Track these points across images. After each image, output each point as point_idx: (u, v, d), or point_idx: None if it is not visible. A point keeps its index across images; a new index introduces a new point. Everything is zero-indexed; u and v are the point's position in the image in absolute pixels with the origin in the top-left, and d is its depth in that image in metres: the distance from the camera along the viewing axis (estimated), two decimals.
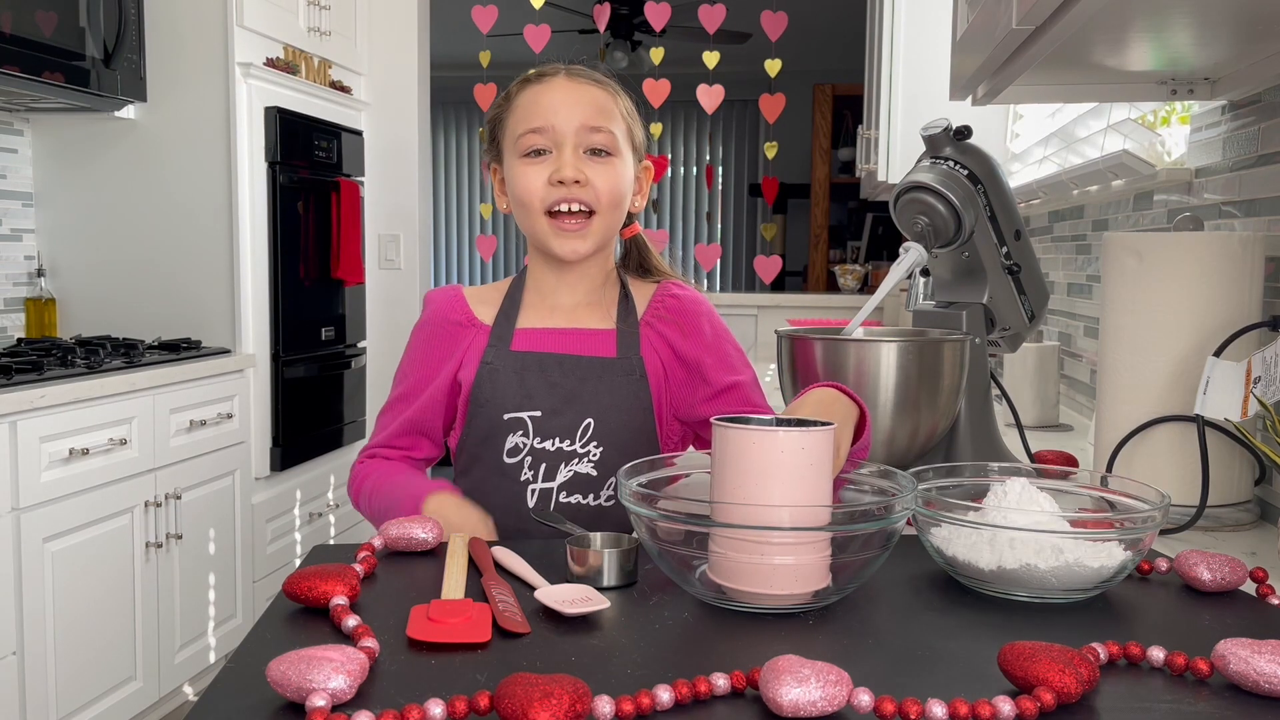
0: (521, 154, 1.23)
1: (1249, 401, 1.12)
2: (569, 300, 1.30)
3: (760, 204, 7.31)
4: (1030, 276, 1.39)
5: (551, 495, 1.23)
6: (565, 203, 1.22)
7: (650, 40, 5.91)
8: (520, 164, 1.24)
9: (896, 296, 3.69)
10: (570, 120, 1.22)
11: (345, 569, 0.86)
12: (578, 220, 1.23)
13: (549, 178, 1.22)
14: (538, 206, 1.23)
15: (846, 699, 0.65)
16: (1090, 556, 0.87)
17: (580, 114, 1.22)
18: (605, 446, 1.23)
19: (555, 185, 1.21)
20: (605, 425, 1.23)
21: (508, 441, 1.23)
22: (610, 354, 1.26)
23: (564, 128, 1.22)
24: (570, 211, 1.23)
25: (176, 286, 3.05)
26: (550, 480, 1.22)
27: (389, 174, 3.79)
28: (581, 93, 1.24)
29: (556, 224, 1.23)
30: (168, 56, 2.98)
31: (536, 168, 1.23)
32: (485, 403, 1.24)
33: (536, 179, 1.22)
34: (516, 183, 1.24)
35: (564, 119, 1.22)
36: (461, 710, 0.64)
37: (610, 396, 1.24)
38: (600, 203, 1.23)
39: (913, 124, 3.17)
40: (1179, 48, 1.25)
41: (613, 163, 1.24)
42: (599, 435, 1.23)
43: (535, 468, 1.23)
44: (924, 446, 1.28)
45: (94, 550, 2.36)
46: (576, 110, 1.22)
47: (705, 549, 0.87)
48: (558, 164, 1.22)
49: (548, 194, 1.22)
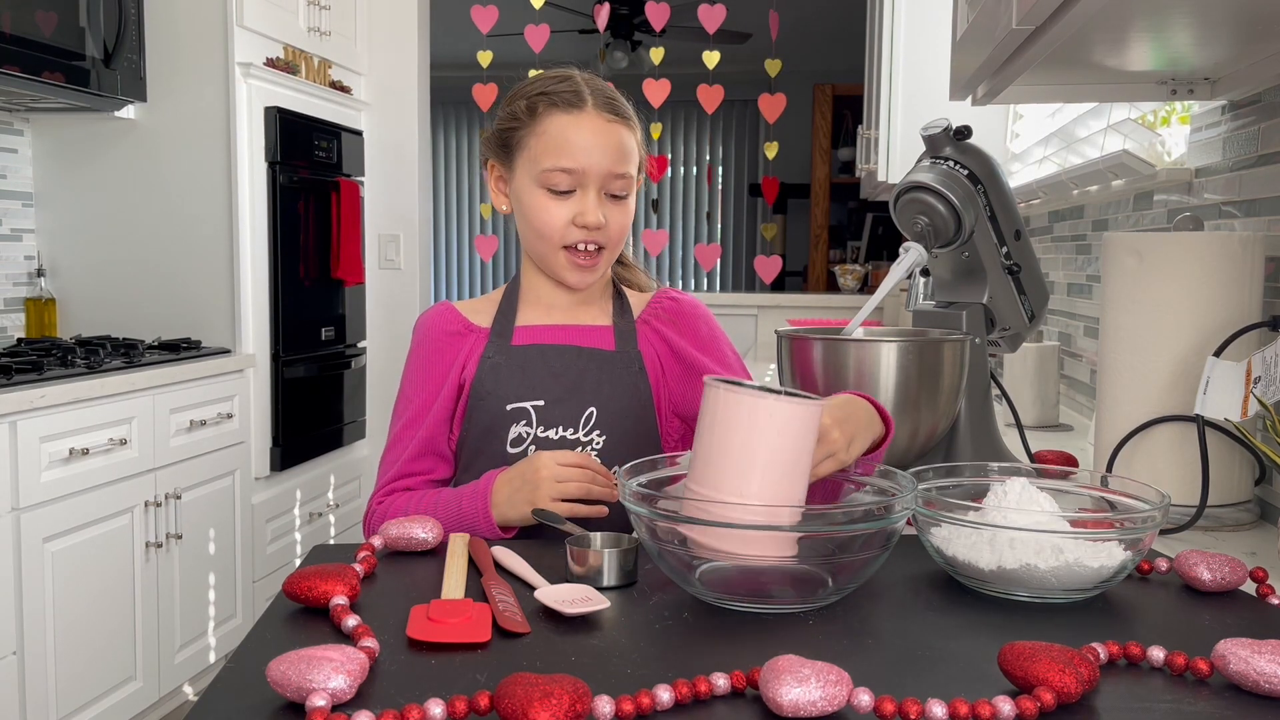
0: (545, 186, 1.25)
1: (1249, 401, 1.12)
2: (566, 300, 1.33)
3: (760, 204, 7.31)
4: (1030, 276, 1.39)
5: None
6: (584, 243, 1.25)
7: (650, 40, 5.90)
8: (542, 196, 1.25)
9: (896, 296, 3.69)
10: (600, 166, 1.24)
11: (345, 569, 0.86)
12: (591, 256, 1.27)
13: (573, 219, 1.24)
14: (557, 242, 1.26)
15: (846, 699, 0.65)
16: (1090, 556, 0.87)
17: (609, 160, 1.24)
18: (608, 435, 1.24)
19: (578, 228, 1.24)
20: (607, 415, 1.25)
21: (511, 432, 1.24)
22: (609, 348, 1.29)
23: (594, 171, 1.24)
24: (586, 249, 1.26)
25: (176, 286, 3.05)
26: None
27: (389, 174, 3.79)
28: (611, 135, 1.25)
29: (572, 258, 1.26)
30: (168, 56, 2.98)
31: (560, 205, 1.24)
32: (487, 395, 1.26)
33: (559, 217, 1.24)
34: (536, 214, 1.26)
35: (596, 163, 1.23)
36: (461, 710, 0.64)
37: (611, 387, 1.26)
38: (611, 240, 1.27)
39: (913, 124, 3.17)
40: (1179, 48, 1.25)
41: (626, 204, 1.28)
42: (602, 424, 1.24)
43: None
44: (924, 446, 1.28)
45: (94, 550, 2.36)
46: (607, 155, 1.24)
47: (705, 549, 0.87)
48: (581, 207, 1.24)
49: (568, 233, 1.25)
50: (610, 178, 1.24)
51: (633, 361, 1.28)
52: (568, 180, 1.23)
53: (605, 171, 1.24)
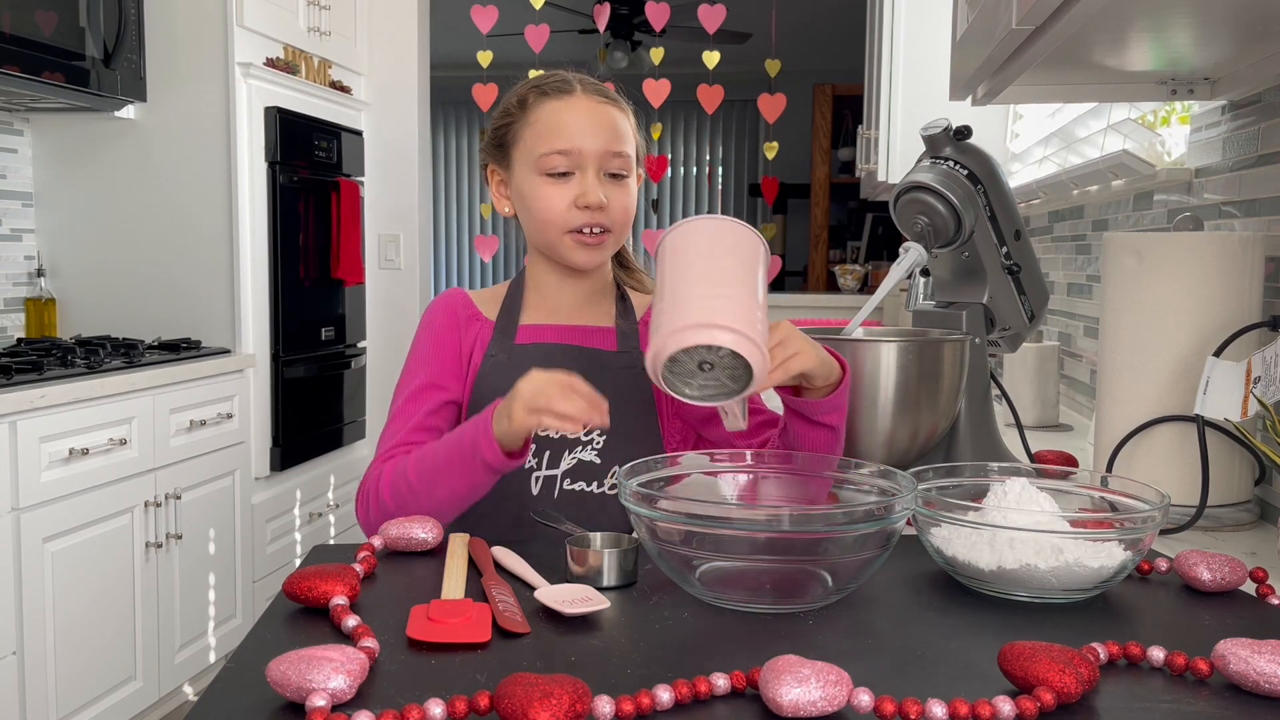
0: (543, 173, 1.25)
1: (1249, 401, 1.12)
2: (569, 301, 1.32)
3: (760, 204, 7.31)
4: (1030, 276, 1.39)
5: (556, 482, 1.23)
6: (588, 226, 1.25)
7: (650, 40, 5.90)
8: (542, 183, 1.25)
9: (896, 296, 3.69)
10: (595, 144, 1.24)
11: (345, 569, 0.86)
12: (597, 238, 1.26)
13: (574, 201, 1.24)
14: (560, 225, 1.25)
15: (846, 699, 0.65)
16: (1090, 556, 0.87)
17: (604, 138, 1.24)
18: (609, 435, 1.24)
19: (580, 209, 1.24)
20: (609, 414, 1.23)
21: None
22: (611, 349, 1.29)
23: (590, 151, 1.24)
24: (592, 232, 1.25)
25: (176, 286, 3.05)
26: (555, 467, 1.23)
27: (389, 174, 3.79)
28: (603, 115, 1.25)
29: (578, 239, 1.26)
30: (167, 56, 2.98)
31: (560, 189, 1.24)
32: (491, 393, 1.25)
33: (560, 200, 1.24)
34: (536, 201, 1.26)
35: (591, 142, 1.23)
36: (461, 710, 0.64)
37: (613, 388, 1.24)
38: (616, 222, 1.27)
39: (913, 124, 3.17)
40: (1179, 48, 1.25)
41: (627, 184, 1.28)
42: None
43: (540, 455, 1.24)
44: (924, 446, 1.28)
45: (94, 550, 2.36)
46: (600, 134, 1.24)
47: (705, 549, 0.86)
48: (582, 188, 1.24)
49: (571, 216, 1.24)
50: (608, 156, 1.24)
51: (634, 363, 1.27)
52: (565, 162, 1.24)
53: (601, 150, 1.24)
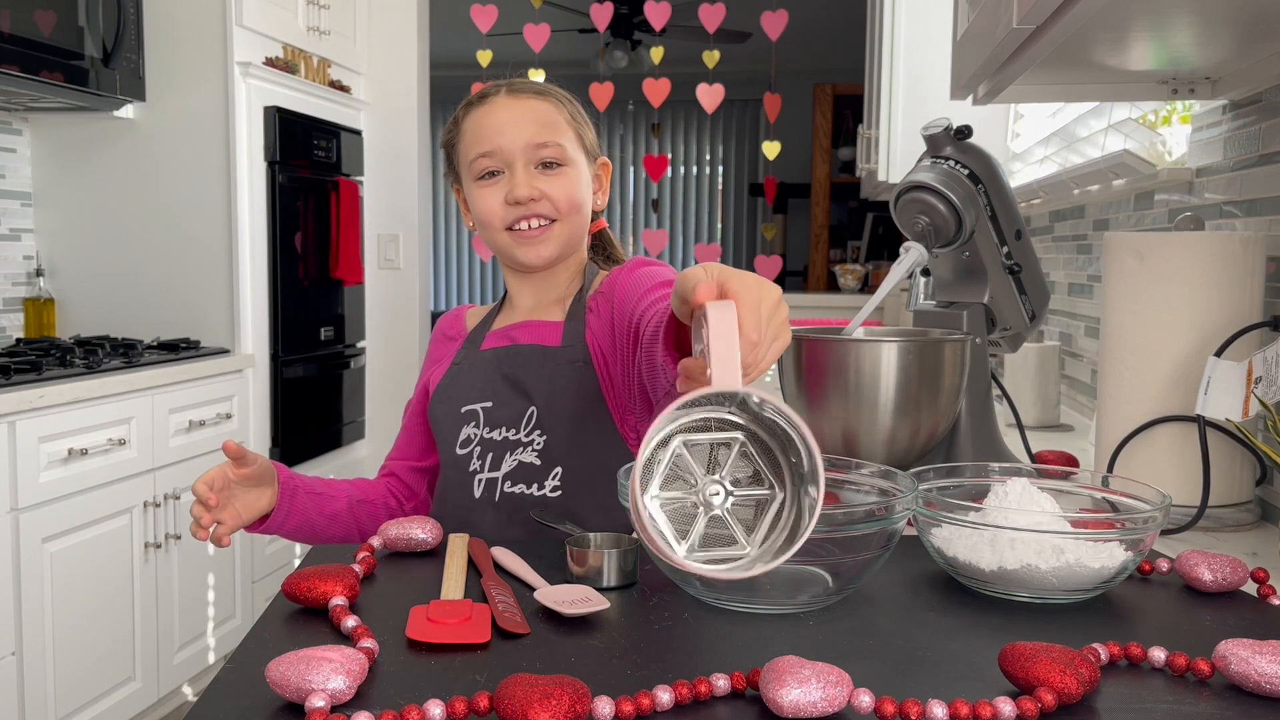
0: (476, 177, 1.27)
1: (1250, 401, 1.12)
2: (531, 301, 1.33)
3: (760, 204, 7.31)
4: (1031, 276, 1.39)
5: (497, 485, 1.23)
6: (524, 220, 1.25)
7: (650, 40, 5.91)
8: (476, 187, 1.27)
9: (897, 296, 3.69)
10: (516, 139, 1.25)
11: (344, 569, 0.86)
12: (539, 230, 1.26)
13: (505, 198, 1.25)
14: (498, 225, 1.27)
15: (847, 700, 0.65)
16: (1091, 557, 0.87)
17: (526, 132, 1.25)
18: (549, 435, 1.22)
19: (512, 205, 1.25)
20: (549, 414, 1.22)
21: (461, 433, 1.26)
22: (556, 344, 1.26)
23: (511, 147, 1.25)
24: (530, 225, 1.26)
25: (175, 286, 3.04)
26: (495, 470, 1.23)
27: (388, 174, 3.79)
28: (524, 109, 1.26)
29: (517, 235, 1.26)
30: (167, 56, 2.98)
31: (492, 189, 1.26)
32: (446, 399, 1.29)
33: (493, 200, 1.26)
34: (475, 205, 1.28)
35: (510, 139, 1.25)
36: (461, 711, 0.64)
37: (553, 383, 1.23)
38: (560, 210, 1.26)
39: (913, 123, 3.17)
40: (1180, 47, 1.25)
41: (565, 172, 1.27)
42: (542, 424, 1.22)
43: (483, 457, 1.24)
44: (924, 447, 1.28)
45: (93, 550, 2.36)
46: (522, 129, 1.25)
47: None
48: (510, 184, 1.25)
49: (506, 214, 1.26)
50: (532, 149, 1.25)
51: (577, 355, 1.23)
52: (490, 162, 1.25)
53: (524, 144, 1.24)
